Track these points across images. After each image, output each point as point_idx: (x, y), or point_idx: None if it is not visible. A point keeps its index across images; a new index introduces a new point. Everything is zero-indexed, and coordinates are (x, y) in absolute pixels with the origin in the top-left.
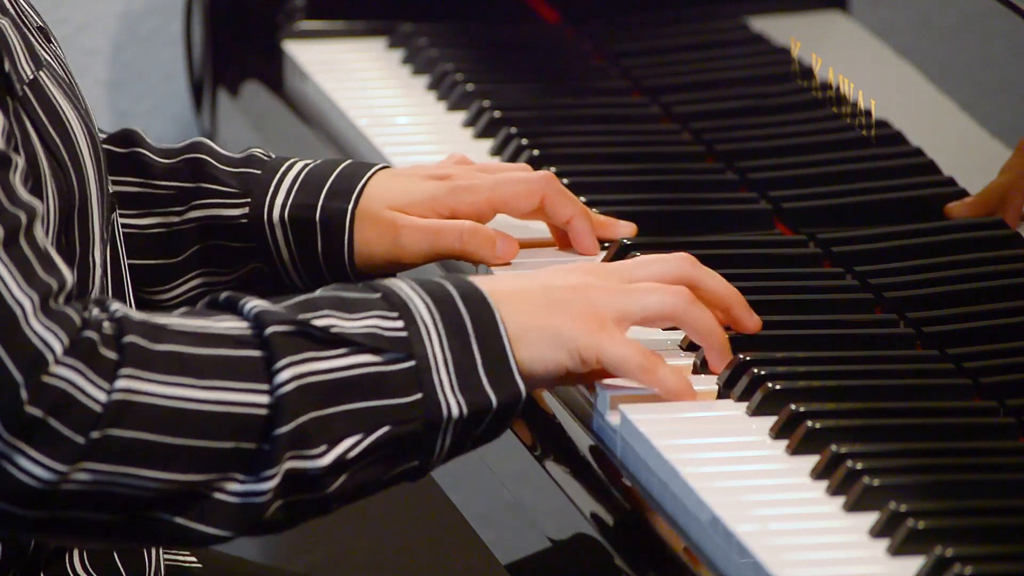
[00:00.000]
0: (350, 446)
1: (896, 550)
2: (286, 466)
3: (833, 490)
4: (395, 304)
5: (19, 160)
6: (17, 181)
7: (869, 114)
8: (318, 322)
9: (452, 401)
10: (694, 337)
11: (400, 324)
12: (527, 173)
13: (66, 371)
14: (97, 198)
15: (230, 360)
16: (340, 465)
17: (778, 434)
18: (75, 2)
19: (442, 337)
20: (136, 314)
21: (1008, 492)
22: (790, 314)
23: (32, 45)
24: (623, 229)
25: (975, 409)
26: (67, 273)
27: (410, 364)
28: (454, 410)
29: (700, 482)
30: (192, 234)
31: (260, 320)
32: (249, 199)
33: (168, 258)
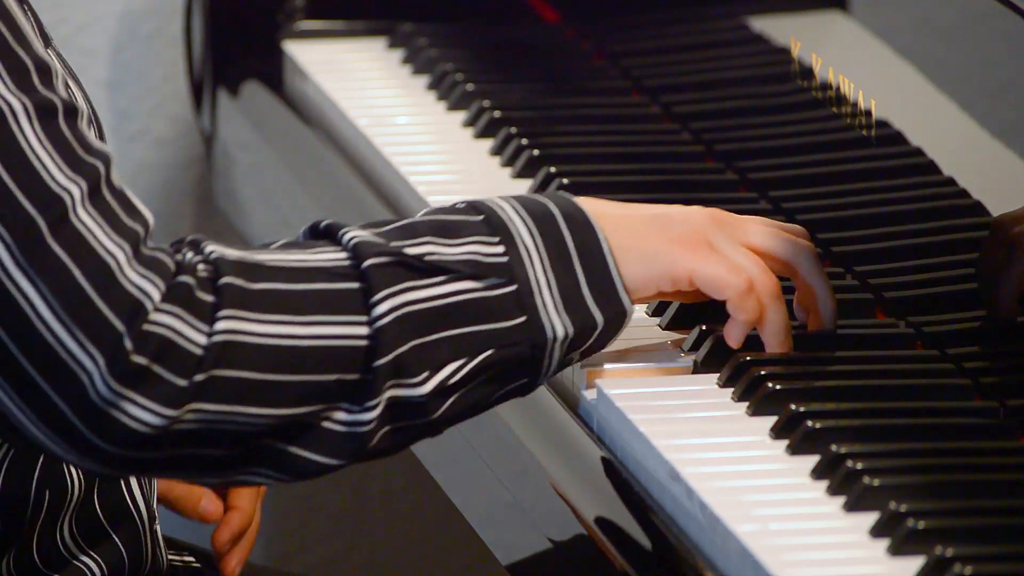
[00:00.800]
0: (452, 371)
1: (896, 550)
2: (387, 395)
3: (833, 490)
4: (496, 227)
5: (85, 109)
6: (87, 129)
7: (869, 114)
8: (416, 250)
9: (557, 322)
10: (801, 280)
11: (501, 249)
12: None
13: (166, 317)
14: None
15: (328, 294)
16: (443, 390)
17: (778, 434)
18: (75, 2)
19: (544, 259)
20: (232, 252)
21: (1008, 492)
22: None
23: (41, 24)
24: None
25: (975, 409)
26: (148, 214)
27: (512, 288)
28: (559, 331)
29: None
30: None
31: (358, 251)
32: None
33: None
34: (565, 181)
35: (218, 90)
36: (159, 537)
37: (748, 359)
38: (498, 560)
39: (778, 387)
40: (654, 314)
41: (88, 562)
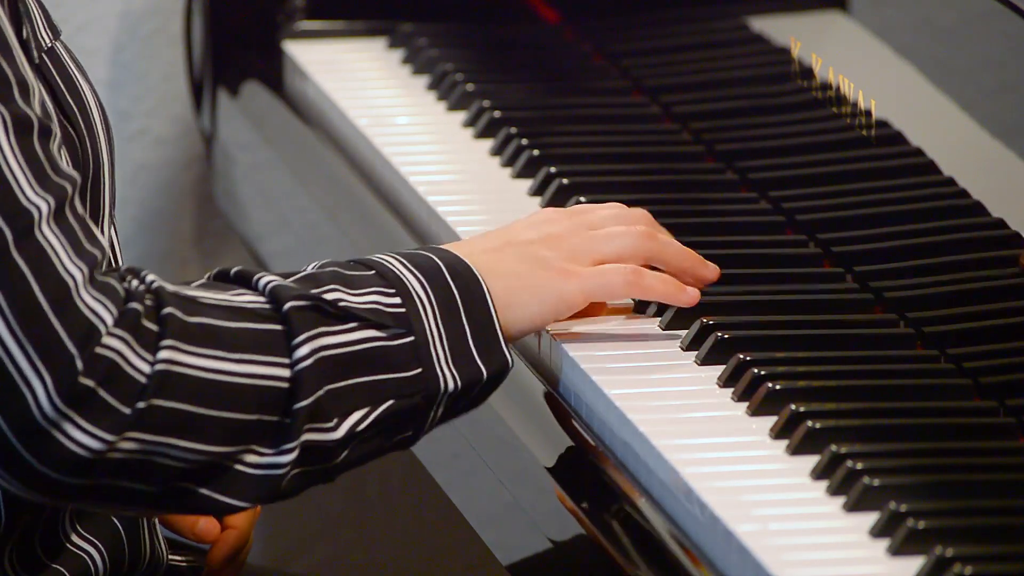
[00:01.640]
0: (359, 419)
1: (896, 550)
2: (304, 438)
3: (833, 490)
4: (390, 280)
5: (57, 131)
6: (56, 152)
7: (869, 114)
8: (328, 295)
9: (448, 374)
10: (670, 268)
11: (398, 300)
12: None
13: (115, 342)
14: (108, 170)
15: (256, 334)
16: (350, 437)
17: (778, 434)
18: (75, 2)
19: (436, 312)
20: (169, 285)
21: (1008, 492)
22: (790, 314)
23: (49, 16)
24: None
25: (975, 409)
26: (104, 242)
27: (410, 339)
28: (450, 383)
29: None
30: None
31: (276, 295)
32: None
33: None
34: (565, 181)
35: (218, 90)
36: (157, 530)
37: (748, 359)
38: (498, 560)
39: (778, 387)
40: (655, 314)
41: (88, 549)
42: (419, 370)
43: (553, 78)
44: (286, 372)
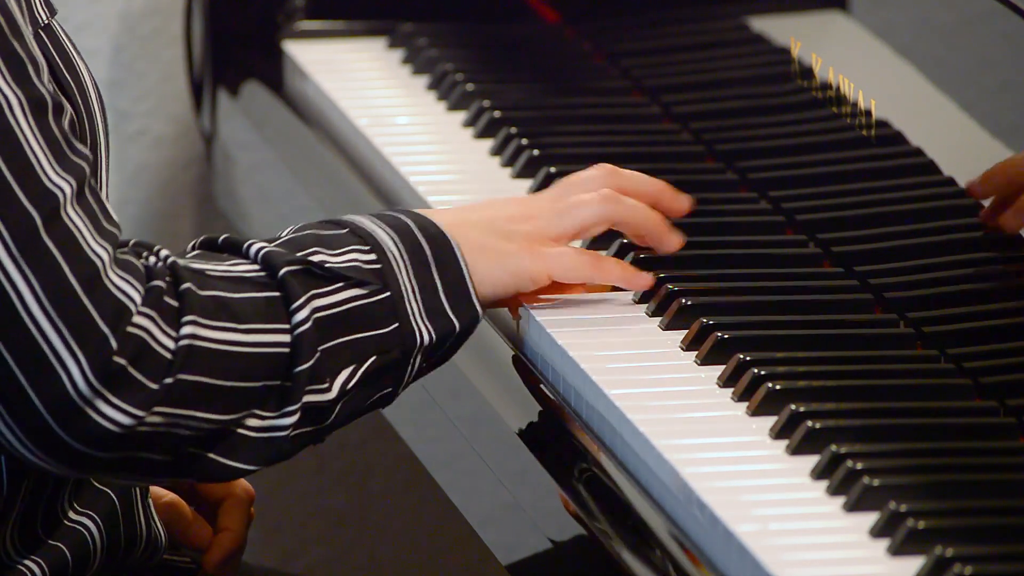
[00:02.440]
0: (347, 377)
1: (896, 550)
2: (304, 400)
3: (833, 490)
4: (364, 238)
5: (69, 108)
6: (69, 129)
7: (869, 114)
8: (314, 258)
9: (423, 328)
10: (634, 231)
11: (373, 256)
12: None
13: (144, 320)
14: (104, 147)
15: (258, 302)
16: (341, 395)
17: (778, 434)
18: (75, 2)
19: (408, 267)
20: (180, 259)
21: (1008, 492)
22: (790, 314)
23: None
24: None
25: (975, 409)
26: (117, 219)
27: (387, 295)
28: (425, 337)
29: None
30: None
31: (269, 261)
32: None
33: None
34: None
35: (218, 90)
36: (152, 511)
37: (748, 359)
38: (498, 560)
39: (778, 387)
40: (653, 315)
41: (86, 523)
42: (396, 325)
43: (553, 78)
44: (287, 337)
